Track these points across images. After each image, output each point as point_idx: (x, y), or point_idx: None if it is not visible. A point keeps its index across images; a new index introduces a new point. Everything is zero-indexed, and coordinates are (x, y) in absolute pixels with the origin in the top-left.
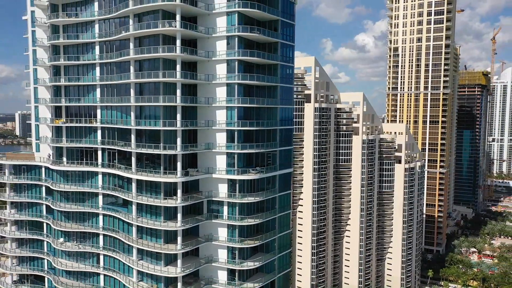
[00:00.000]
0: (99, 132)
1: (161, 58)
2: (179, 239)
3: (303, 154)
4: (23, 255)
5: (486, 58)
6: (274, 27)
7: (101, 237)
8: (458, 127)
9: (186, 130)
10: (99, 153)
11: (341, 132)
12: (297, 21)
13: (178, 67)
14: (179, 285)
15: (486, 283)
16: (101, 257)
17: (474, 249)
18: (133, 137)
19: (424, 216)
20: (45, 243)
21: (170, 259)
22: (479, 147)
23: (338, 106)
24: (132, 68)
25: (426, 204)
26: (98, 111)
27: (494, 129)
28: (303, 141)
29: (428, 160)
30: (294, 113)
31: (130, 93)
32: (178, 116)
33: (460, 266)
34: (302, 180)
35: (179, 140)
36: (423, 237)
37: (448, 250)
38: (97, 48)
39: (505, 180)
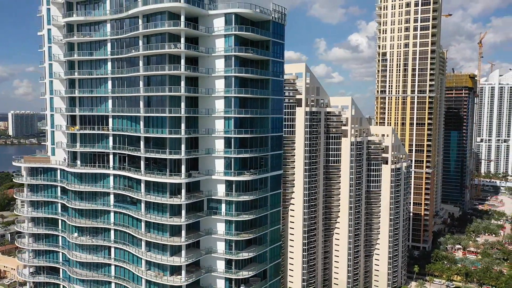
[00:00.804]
0: (110, 138)
1: (167, 74)
2: (183, 232)
3: (294, 155)
4: (40, 249)
5: (478, 59)
6: (266, 46)
7: (112, 232)
8: (445, 128)
9: (189, 138)
10: (111, 157)
11: (330, 135)
12: (290, 21)
13: (183, 83)
14: (183, 273)
15: (469, 278)
16: (112, 250)
17: (459, 246)
18: (142, 143)
19: (411, 214)
20: (60, 237)
21: (175, 250)
22: (466, 148)
23: (328, 109)
24: (141, 83)
25: (413, 203)
26: (110, 120)
27: (482, 129)
28: (294, 143)
29: (415, 160)
30: (286, 116)
31: (139, 105)
32: (183, 125)
33: (445, 262)
34: (294, 180)
35: (183, 146)
36: (410, 234)
37: (434, 247)
38: (109, 64)
39: (492, 180)
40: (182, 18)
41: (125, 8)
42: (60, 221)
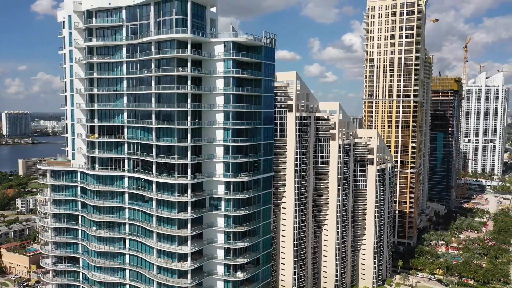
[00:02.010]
0: (126, 146)
1: (175, 92)
2: (189, 225)
3: (286, 157)
4: (61, 241)
5: (470, 59)
6: (259, 67)
7: (126, 226)
8: (432, 130)
9: (194, 145)
10: (126, 161)
11: (319, 138)
12: (285, 20)
13: (189, 100)
14: (189, 259)
15: (450, 271)
16: (127, 241)
17: (443, 242)
18: (154, 150)
19: (397, 212)
20: (79, 231)
21: (182, 241)
22: (451, 148)
23: (317, 114)
24: (153, 99)
25: (399, 201)
26: (125, 130)
27: (470, 130)
28: (286, 145)
29: (401, 161)
30: (278, 121)
31: (152, 117)
32: (189, 136)
33: (428, 257)
34: (286, 180)
35: (189, 153)
36: (396, 231)
37: (419, 243)
38: (125, 82)
39: (478, 179)
40: (189, 46)
41: (139, 36)
42: (80, 216)
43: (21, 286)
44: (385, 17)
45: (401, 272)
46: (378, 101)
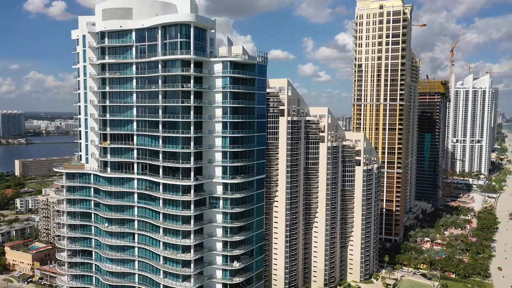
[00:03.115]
0: (135, 151)
1: (180, 105)
2: (192, 221)
3: (278, 159)
4: (76, 236)
5: (462, 59)
6: (252, 82)
7: (135, 222)
8: (420, 131)
9: (196, 152)
10: (135, 165)
11: (309, 140)
12: (279, 20)
13: (192, 112)
14: (192, 251)
15: (433, 266)
16: (136, 236)
17: (428, 239)
18: (160, 155)
19: (384, 210)
20: (92, 227)
21: (185, 235)
22: (438, 149)
23: (307, 118)
24: (160, 111)
25: (386, 200)
26: (135, 137)
27: (458, 131)
28: (278, 148)
29: (388, 162)
30: (271, 125)
31: (159, 127)
32: (192, 143)
33: (413, 253)
34: (278, 180)
35: (192, 158)
36: (383, 228)
37: (405, 240)
38: (134, 95)
39: (465, 178)
40: (192, 65)
41: (147, 55)
42: (93, 214)
43: (25, 282)
44: (373, 24)
45: (387, 267)
46: (366, 104)
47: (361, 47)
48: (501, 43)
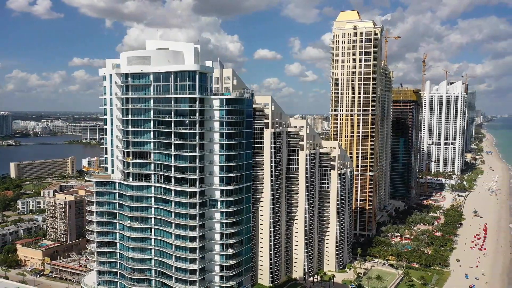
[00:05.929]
0: (152, 165)
1: (188, 131)
2: (197, 218)
3: (263, 165)
4: (103, 231)
5: (446, 59)
6: (242, 113)
7: (152, 219)
8: (394, 135)
9: (199, 166)
10: (152, 175)
11: (290, 149)
12: (266, 20)
13: (197, 137)
14: (197, 241)
15: (400, 257)
16: (153, 230)
17: (398, 234)
18: (173, 168)
19: (358, 208)
20: (117, 224)
21: (191, 228)
22: (411, 151)
23: (289, 129)
24: (172, 135)
25: (360, 199)
26: (152, 155)
27: (433, 133)
28: (263, 155)
29: (361, 166)
30: (256, 136)
31: (171, 147)
32: (197, 160)
33: (383, 246)
34: (263, 183)
35: (197, 171)
36: (358, 224)
37: (377, 235)
38: (151, 122)
39: (439, 178)
40: (197, 102)
41: (162, 93)
42: (117, 213)
43: (38, 276)
44: (348, 43)
45: (360, 258)
46: (342, 114)
47: (338, 62)
48: (483, 44)
